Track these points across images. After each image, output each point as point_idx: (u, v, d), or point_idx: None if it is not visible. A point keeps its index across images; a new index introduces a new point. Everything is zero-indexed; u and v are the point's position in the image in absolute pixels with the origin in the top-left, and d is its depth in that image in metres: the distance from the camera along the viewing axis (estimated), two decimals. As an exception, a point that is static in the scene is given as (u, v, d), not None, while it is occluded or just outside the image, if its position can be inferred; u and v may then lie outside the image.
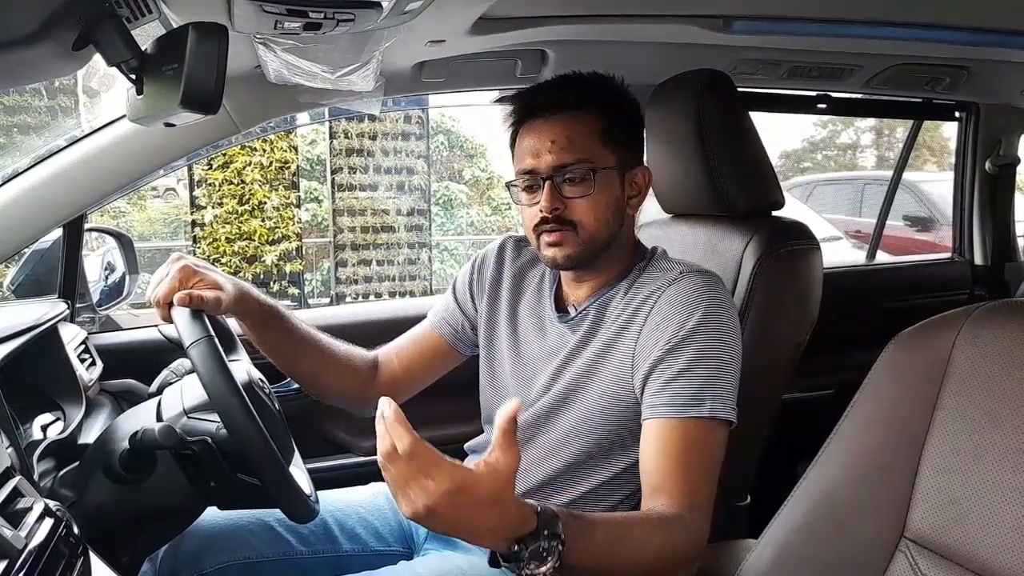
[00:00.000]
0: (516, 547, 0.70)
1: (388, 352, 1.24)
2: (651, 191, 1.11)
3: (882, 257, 2.43)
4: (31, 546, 0.67)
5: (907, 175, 2.58)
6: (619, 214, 1.03)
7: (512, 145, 1.06)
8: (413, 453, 0.66)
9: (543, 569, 0.70)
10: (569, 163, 0.98)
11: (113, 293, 1.59)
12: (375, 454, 0.69)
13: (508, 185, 1.06)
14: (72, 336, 1.30)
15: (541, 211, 0.99)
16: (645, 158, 1.09)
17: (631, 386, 0.98)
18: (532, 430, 1.06)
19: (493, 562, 0.74)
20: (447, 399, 1.33)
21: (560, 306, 1.11)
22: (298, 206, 7.15)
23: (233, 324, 1.17)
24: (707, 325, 0.94)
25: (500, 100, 1.70)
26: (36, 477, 0.93)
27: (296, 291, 7.16)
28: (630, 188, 1.05)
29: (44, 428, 1.07)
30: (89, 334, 1.41)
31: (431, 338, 1.24)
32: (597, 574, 0.77)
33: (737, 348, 0.96)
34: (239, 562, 1.08)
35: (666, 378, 0.93)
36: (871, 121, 13.80)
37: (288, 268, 7.07)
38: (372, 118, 7.11)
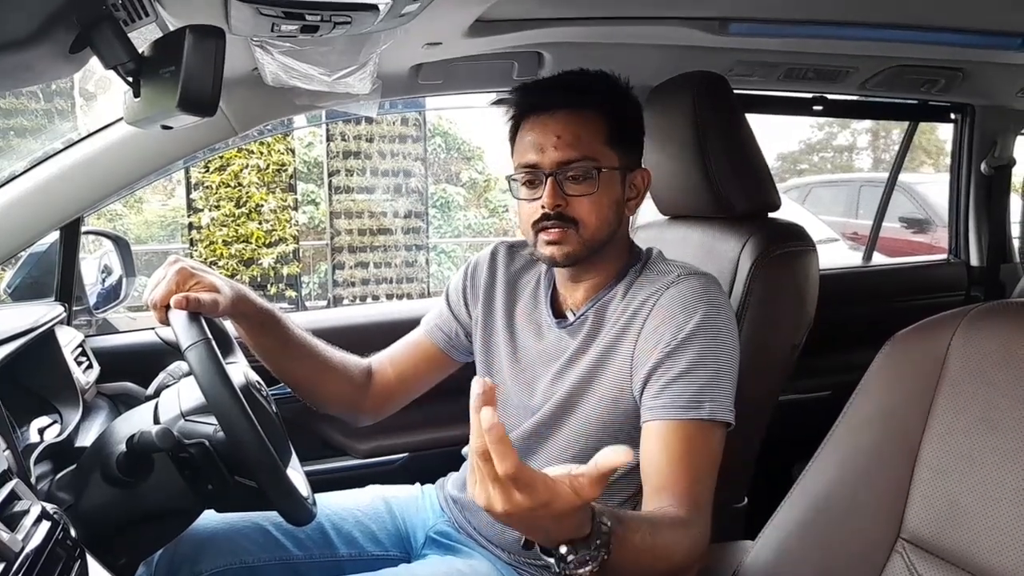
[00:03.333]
0: (564, 549, 0.70)
1: (382, 360, 1.23)
2: (648, 193, 1.12)
3: (878, 259, 2.43)
4: (28, 549, 0.66)
5: (903, 177, 2.58)
6: (619, 215, 1.04)
7: (512, 138, 1.05)
8: (515, 477, 0.62)
9: (582, 572, 0.70)
10: (573, 160, 0.98)
11: (110, 296, 1.59)
12: (372, 457, 0.69)
13: (509, 179, 1.05)
14: (69, 339, 1.29)
15: (543, 207, 0.99)
16: (642, 160, 1.09)
17: (630, 389, 0.98)
18: (536, 436, 1.06)
19: (528, 546, 0.74)
20: (445, 402, 1.32)
21: (557, 311, 1.11)
22: (295, 208, 7.13)
23: (229, 327, 1.16)
24: (706, 328, 0.94)
25: (499, 102, 1.69)
26: (33, 480, 0.92)
27: (293, 294, 7.14)
28: (630, 190, 1.05)
29: (41, 431, 1.07)
30: (86, 337, 1.40)
31: (424, 345, 1.23)
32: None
33: (735, 350, 0.97)
34: (236, 566, 1.07)
35: (666, 380, 0.93)
36: (867, 123, 13.84)
37: (285, 271, 7.04)
38: (369, 120, 7.11)
